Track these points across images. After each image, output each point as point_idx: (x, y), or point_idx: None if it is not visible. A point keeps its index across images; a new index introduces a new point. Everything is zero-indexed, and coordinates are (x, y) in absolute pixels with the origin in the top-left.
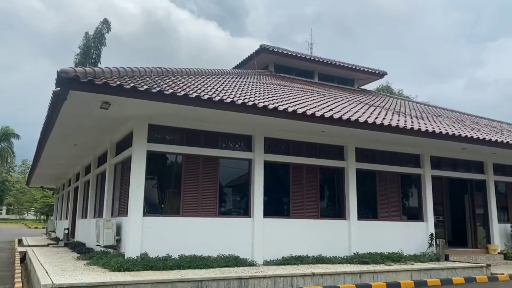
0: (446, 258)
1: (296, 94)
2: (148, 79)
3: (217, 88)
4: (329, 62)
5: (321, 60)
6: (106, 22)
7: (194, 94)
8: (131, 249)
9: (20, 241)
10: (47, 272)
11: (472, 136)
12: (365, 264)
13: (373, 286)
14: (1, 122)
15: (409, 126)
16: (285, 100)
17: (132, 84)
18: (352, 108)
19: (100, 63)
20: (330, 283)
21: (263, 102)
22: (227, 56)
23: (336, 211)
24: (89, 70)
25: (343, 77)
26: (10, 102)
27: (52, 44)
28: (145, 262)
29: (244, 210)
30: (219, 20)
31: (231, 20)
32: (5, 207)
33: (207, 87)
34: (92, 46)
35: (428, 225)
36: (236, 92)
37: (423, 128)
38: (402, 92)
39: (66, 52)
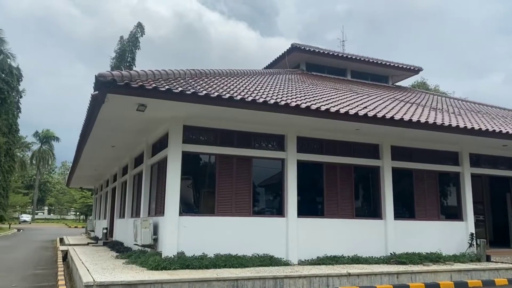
0: (488, 259)
1: (329, 92)
2: (182, 81)
3: (249, 89)
4: (362, 59)
5: (353, 57)
6: (140, 26)
7: (227, 95)
8: (168, 248)
9: (61, 240)
10: (88, 270)
11: None
12: (402, 264)
13: (411, 286)
14: (41, 125)
15: (446, 123)
16: (318, 99)
17: (167, 87)
18: (387, 106)
19: (135, 66)
20: (366, 283)
21: (296, 102)
22: (257, 57)
23: (372, 210)
24: (125, 74)
25: (377, 74)
26: (49, 106)
27: (87, 49)
28: (182, 261)
29: (277, 210)
30: (249, 21)
31: (261, 20)
32: (46, 207)
33: (240, 87)
34: (127, 49)
35: (467, 225)
36: (268, 92)
37: (461, 125)
38: (438, 88)
39: (100, 56)
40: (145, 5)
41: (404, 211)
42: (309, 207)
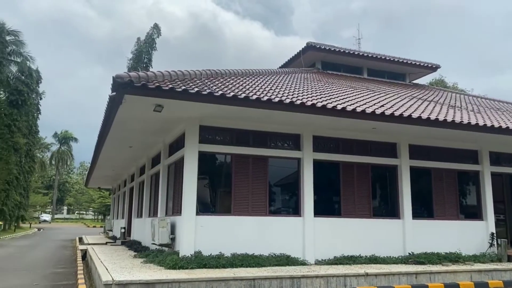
0: (509, 259)
1: (345, 91)
2: (198, 81)
3: (265, 88)
4: (379, 57)
5: (370, 55)
6: (156, 27)
7: (243, 95)
8: (185, 248)
9: (80, 239)
10: (107, 269)
11: None
12: (421, 264)
13: (430, 287)
14: (60, 126)
15: (466, 121)
16: (334, 98)
17: (183, 87)
18: (404, 104)
19: (152, 67)
20: (384, 283)
21: (311, 101)
22: (272, 56)
23: (389, 210)
24: (142, 75)
25: (394, 72)
26: (67, 107)
27: (104, 51)
28: (199, 260)
29: (293, 209)
30: (263, 20)
31: (275, 19)
32: (65, 207)
33: (255, 87)
34: (144, 51)
35: (488, 224)
36: (284, 91)
37: (481, 123)
38: (456, 85)
39: (117, 58)
40: (160, 6)
41: (423, 210)
42: (326, 206)
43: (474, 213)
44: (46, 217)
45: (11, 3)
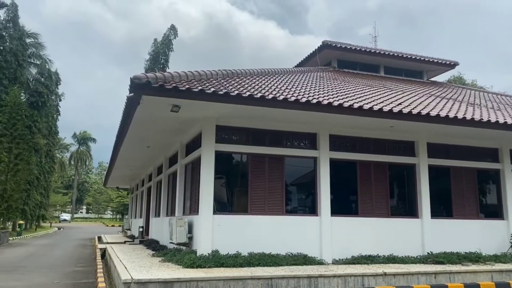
0: None
1: (362, 89)
2: (214, 81)
3: (280, 87)
4: (396, 54)
5: (386, 53)
6: (173, 28)
7: (259, 95)
8: (202, 247)
9: (99, 238)
10: (126, 268)
11: None
12: (440, 264)
13: (450, 287)
14: (78, 127)
15: (485, 119)
16: (350, 96)
17: (200, 87)
18: (422, 102)
19: (168, 68)
20: (403, 283)
21: (328, 99)
22: (287, 55)
23: (407, 209)
24: (159, 76)
25: (411, 70)
26: (85, 108)
27: (121, 52)
28: (216, 259)
29: (310, 209)
30: (278, 19)
31: (290, 18)
32: (85, 207)
33: (271, 86)
34: (161, 51)
35: (509, 224)
36: (299, 90)
37: (501, 120)
38: (475, 82)
39: (134, 59)
40: (175, 7)
41: (441, 209)
42: (343, 205)
43: (494, 212)
44: (66, 216)
45: (31, 7)
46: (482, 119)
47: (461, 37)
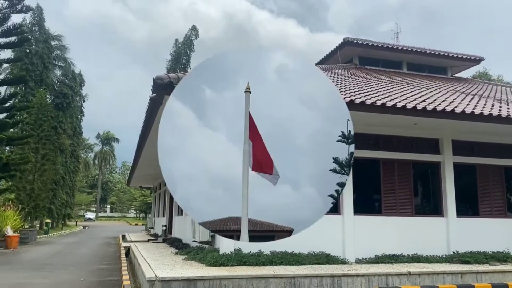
0: None
1: (384, 86)
2: None
3: None
4: (418, 50)
5: (409, 49)
6: (194, 29)
7: None
8: (225, 245)
9: (123, 237)
10: (150, 266)
11: None
12: (466, 263)
13: (477, 287)
14: (102, 127)
15: None
16: (373, 93)
17: None
18: (446, 98)
19: (190, 68)
20: (428, 283)
21: (350, 97)
22: (307, 53)
23: (432, 208)
24: (181, 76)
25: (434, 66)
26: (108, 108)
27: (142, 53)
28: (239, 258)
29: (333, 208)
30: (298, 17)
31: (310, 16)
32: (109, 206)
33: None
34: (182, 52)
35: None
36: None
37: None
38: (502, 78)
39: (155, 60)
40: (195, 8)
41: (467, 208)
42: (366, 204)
43: None
44: (91, 215)
45: (55, 10)
46: (509, 115)
47: (486, 32)
